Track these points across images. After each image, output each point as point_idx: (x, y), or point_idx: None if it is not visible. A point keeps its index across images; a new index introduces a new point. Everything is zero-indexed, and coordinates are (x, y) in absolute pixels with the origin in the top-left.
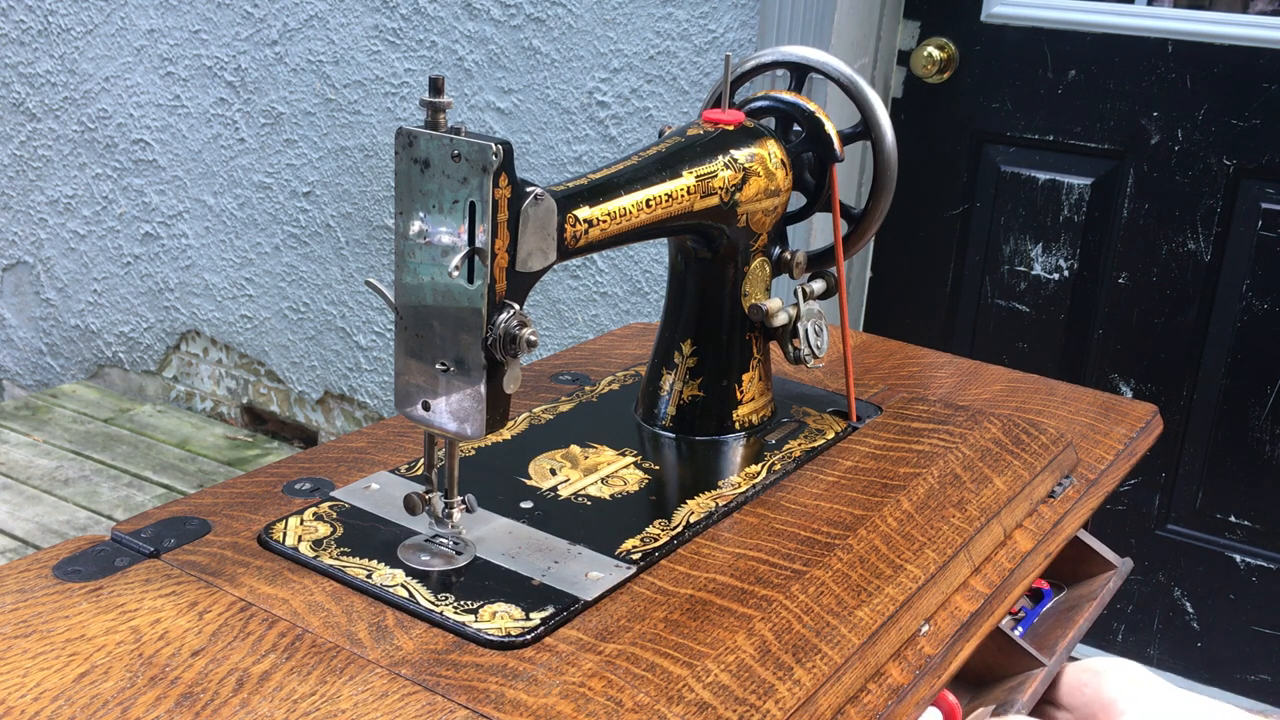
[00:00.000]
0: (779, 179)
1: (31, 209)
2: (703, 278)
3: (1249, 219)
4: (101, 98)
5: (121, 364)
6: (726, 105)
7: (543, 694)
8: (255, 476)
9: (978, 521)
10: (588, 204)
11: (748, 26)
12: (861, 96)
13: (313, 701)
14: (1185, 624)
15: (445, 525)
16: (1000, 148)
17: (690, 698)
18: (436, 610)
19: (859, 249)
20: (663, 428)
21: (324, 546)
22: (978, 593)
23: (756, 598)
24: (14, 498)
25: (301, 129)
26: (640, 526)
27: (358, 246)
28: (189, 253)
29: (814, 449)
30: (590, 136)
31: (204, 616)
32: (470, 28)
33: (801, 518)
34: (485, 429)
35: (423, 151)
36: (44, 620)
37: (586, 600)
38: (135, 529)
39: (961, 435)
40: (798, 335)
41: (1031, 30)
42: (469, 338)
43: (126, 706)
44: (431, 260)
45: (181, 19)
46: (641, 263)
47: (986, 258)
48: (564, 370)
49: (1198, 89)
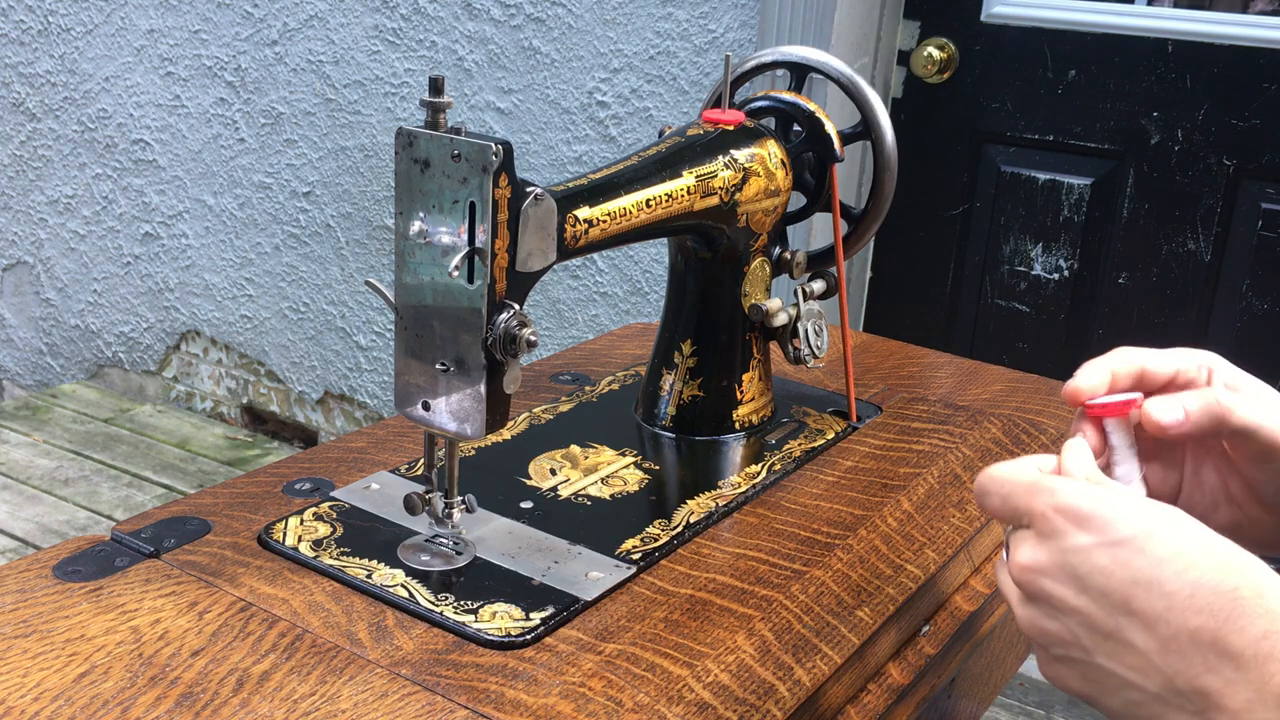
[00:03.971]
0: (779, 179)
1: (31, 209)
2: (703, 278)
3: (1249, 219)
4: (101, 98)
5: (121, 364)
6: (726, 105)
7: (543, 694)
8: (255, 476)
9: (978, 521)
10: (588, 204)
11: (748, 26)
12: (861, 96)
13: (313, 701)
14: None
15: (445, 525)
16: (1000, 148)
17: (690, 698)
18: (436, 610)
19: (859, 249)
20: (663, 428)
21: (324, 546)
22: (978, 593)
23: (756, 598)
24: (14, 498)
25: (301, 129)
26: (640, 526)
27: (358, 246)
28: (189, 253)
29: (814, 449)
30: (590, 136)
31: (204, 616)
32: (470, 28)
33: (801, 518)
34: (485, 429)
35: (423, 151)
36: (44, 620)
37: (586, 600)
38: (135, 529)
39: (961, 435)
40: (798, 335)
41: (1031, 30)
42: (469, 338)
43: (126, 706)
44: (431, 260)
45: (181, 19)
46: (641, 263)
47: (986, 258)
48: (564, 370)
49: (1198, 89)
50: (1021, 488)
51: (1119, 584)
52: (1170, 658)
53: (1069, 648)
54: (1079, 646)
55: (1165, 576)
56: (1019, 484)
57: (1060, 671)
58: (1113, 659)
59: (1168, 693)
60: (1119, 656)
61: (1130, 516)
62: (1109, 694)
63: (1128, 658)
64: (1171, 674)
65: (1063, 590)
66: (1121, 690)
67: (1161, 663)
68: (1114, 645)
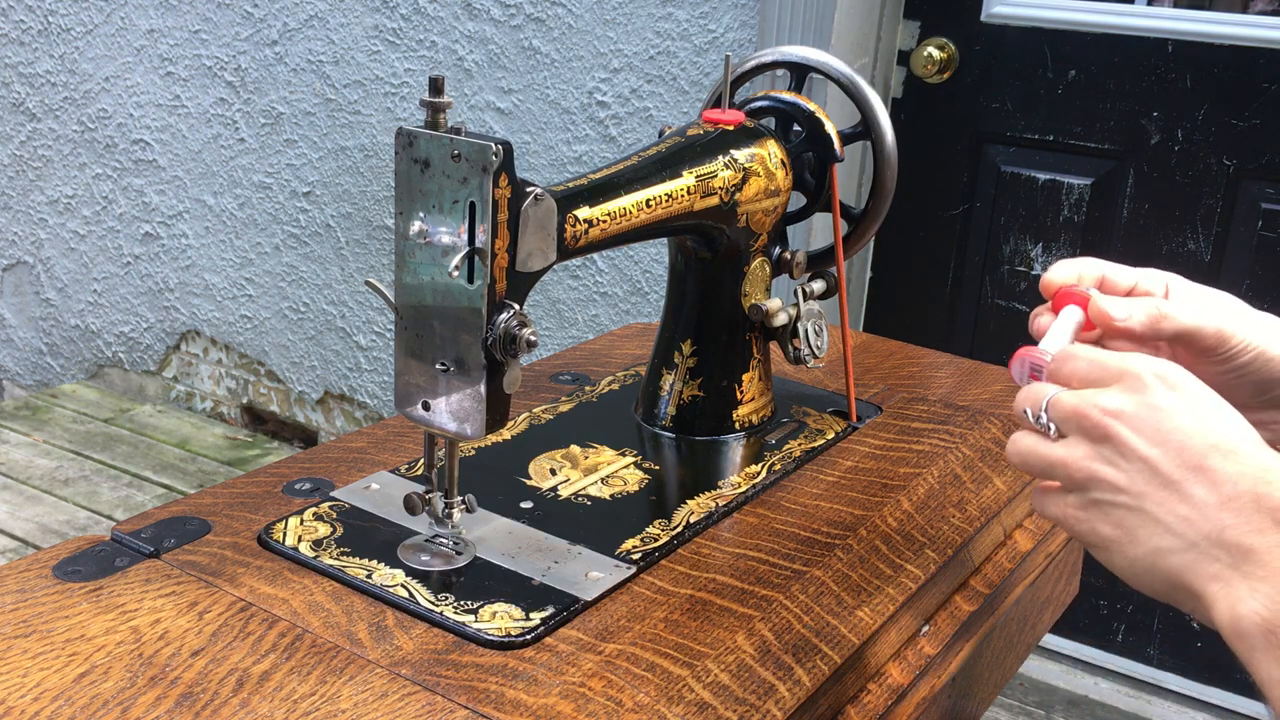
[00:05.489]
0: (779, 179)
1: (31, 209)
2: (703, 278)
3: (1249, 219)
4: (101, 98)
5: (121, 364)
6: (726, 105)
7: (543, 694)
8: (255, 476)
9: (978, 521)
10: (588, 204)
11: (748, 26)
12: (861, 96)
13: (313, 701)
14: (1185, 624)
15: (445, 525)
16: (1000, 148)
17: (690, 698)
18: (436, 610)
19: (859, 249)
20: (663, 428)
21: (324, 546)
22: (978, 593)
23: (756, 598)
24: (14, 498)
25: (301, 129)
26: (640, 526)
27: (358, 246)
28: (189, 253)
29: (814, 449)
30: (590, 136)
31: (204, 616)
32: (470, 28)
33: (801, 518)
34: (485, 429)
35: (423, 151)
36: (44, 620)
37: (586, 600)
38: (135, 529)
39: (961, 435)
40: (798, 335)
41: (1031, 30)
42: (469, 338)
43: (126, 706)
44: (431, 260)
45: (181, 19)
46: (641, 263)
47: (986, 258)
48: (564, 370)
49: (1198, 89)
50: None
51: (1199, 444)
52: (1226, 513)
53: (1118, 493)
54: (1130, 493)
55: (1243, 450)
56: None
57: (1092, 515)
58: (1162, 506)
59: (1207, 543)
60: (1169, 505)
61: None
62: (1138, 541)
63: (1180, 508)
64: (1222, 527)
65: (1139, 439)
66: (1155, 537)
67: (1216, 515)
68: (1169, 494)
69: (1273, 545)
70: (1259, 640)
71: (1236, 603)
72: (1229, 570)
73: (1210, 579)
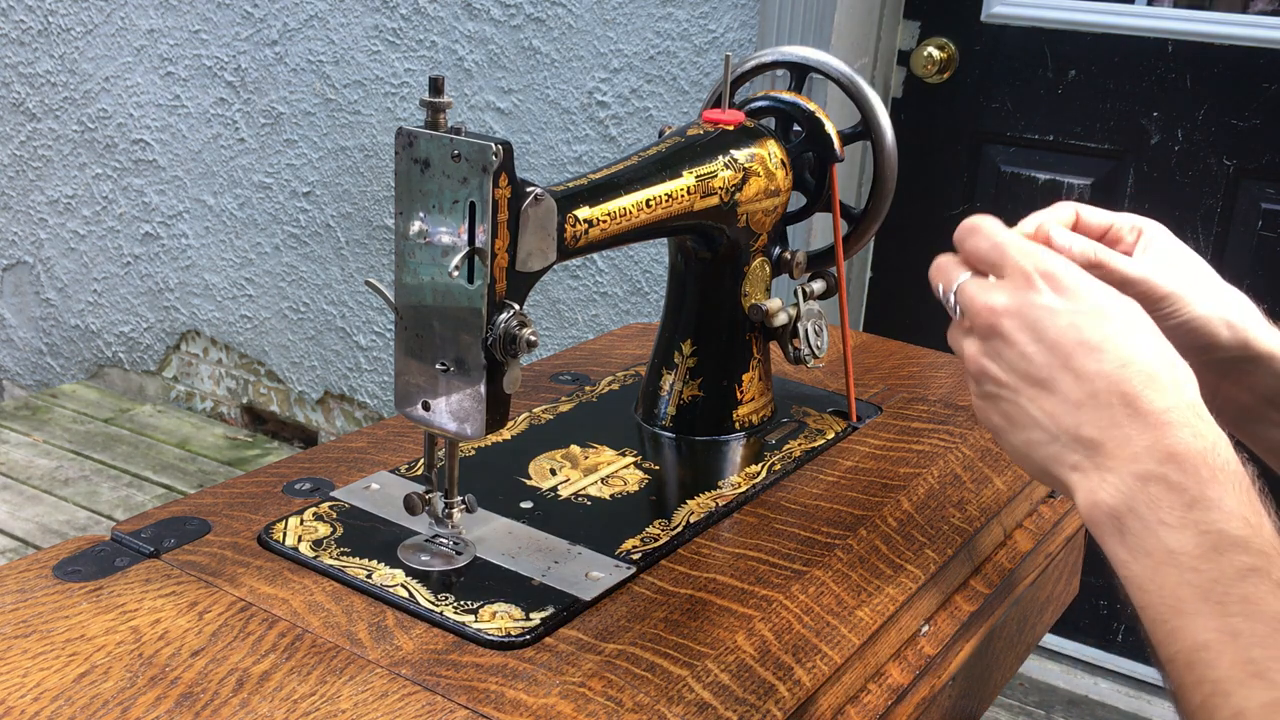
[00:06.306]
0: (779, 179)
1: (31, 209)
2: (703, 278)
3: (1249, 219)
4: (101, 98)
5: (121, 364)
6: (726, 105)
7: (543, 694)
8: (255, 476)
9: (978, 521)
10: (588, 204)
11: (748, 26)
12: (861, 96)
13: (313, 701)
14: None
15: (445, 525)
16: (1000, 148)
17: (690, 698)
18: (436, 610)
19: (859, 249)
20: (663, 428)
21: (324, 546)
22: (978, 593)
23: (756, 598)
24: (14, 498)
25: (301, 129)
26: (640, 526)
27: (358, 246)
28: (189, 253)
29: (814, 449)
30: (590, 136)
31: (204, 616)
32: (470, 28)
33: (801, 518)
34: (485, 429)
35: (423, 151)
36: (44, 620)
37: (586, 600)
38: (135, 529)
39: (961, 435)
40: (798, 335)
41: (1031, 30)
42: (469, 338)
43: (126, 706)
44: (431, 260)
45: (181, 19)
46: (641, 263)
47: None
48: (564, 370)
49: (1198, 89)
50: (1015, 243)
51: (1069, 343)
52: (1084, 411)
53: (1001, 387)
54: (1010, 387)
55: (1108, 348)
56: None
57: (984, 405)
58: (1033, 403)
59: (1067, 436)
60: (1039, 401)
61: (1096, 294)
62: (1016, 431)
63: (1046, 403)
64: (1079, 423)
65: (1017, 335)
66: (1028, 429)
67: (1075, 412)
68: (1039, 391)
69: (1120, 439)
70: (1108, 525)
71: (1090, 491)
72: (1086, 461)
73: (1071, 469)
